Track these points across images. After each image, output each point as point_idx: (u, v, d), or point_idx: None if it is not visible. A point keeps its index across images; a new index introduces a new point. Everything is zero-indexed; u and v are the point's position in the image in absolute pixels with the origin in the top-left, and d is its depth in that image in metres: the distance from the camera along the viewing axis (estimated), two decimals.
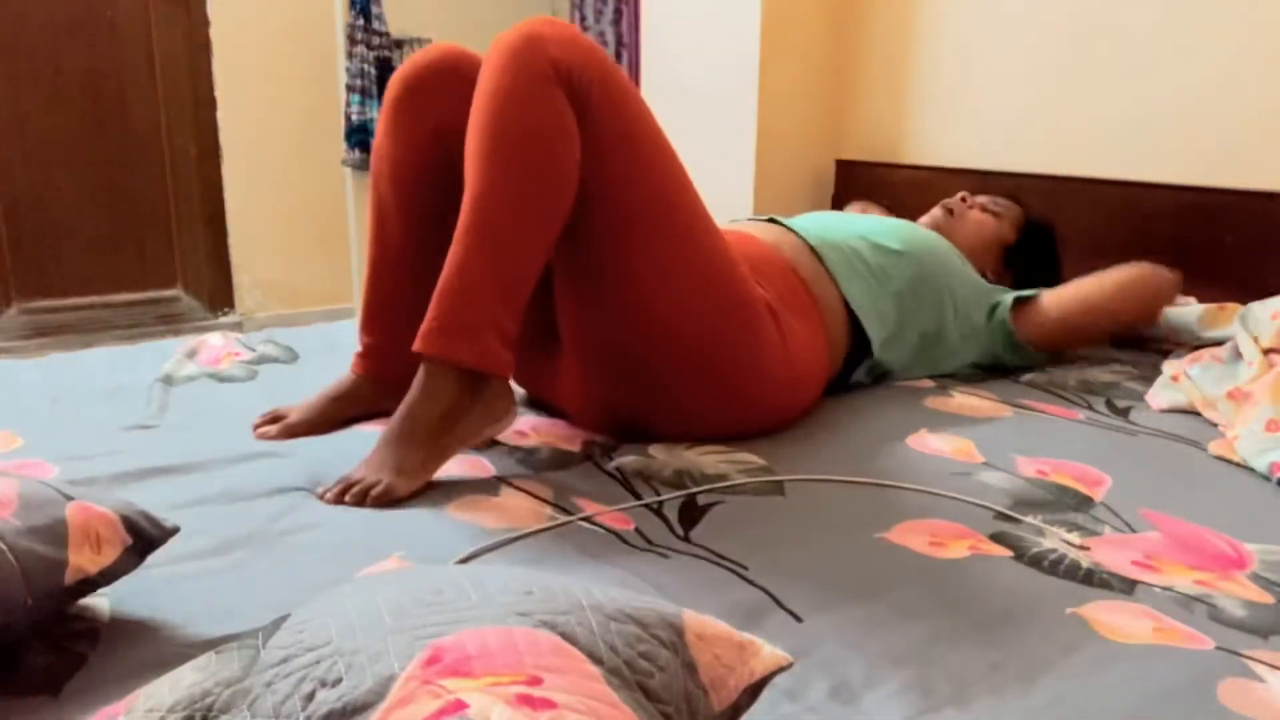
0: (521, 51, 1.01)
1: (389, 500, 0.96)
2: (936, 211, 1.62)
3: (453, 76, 1.16)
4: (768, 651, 0.57)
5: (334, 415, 1.19)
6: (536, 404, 1.30)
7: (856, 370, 1.36)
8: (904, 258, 1.37)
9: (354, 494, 0.96)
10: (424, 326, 1.00)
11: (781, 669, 0.57)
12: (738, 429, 1.17)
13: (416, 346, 1.00)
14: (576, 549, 0.87)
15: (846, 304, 1.31)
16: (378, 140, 1.21)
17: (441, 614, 0.51)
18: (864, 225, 1.42)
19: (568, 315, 1.14)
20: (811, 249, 1.33)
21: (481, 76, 1.04)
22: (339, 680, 0.47)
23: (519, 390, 1.32)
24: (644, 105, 1.10)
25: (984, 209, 1.62)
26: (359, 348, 1.24)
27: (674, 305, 1.09)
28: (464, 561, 0.84)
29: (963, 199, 1.63)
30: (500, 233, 1.00)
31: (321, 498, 0.98)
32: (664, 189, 1.09)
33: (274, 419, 1.18)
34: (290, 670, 0.49)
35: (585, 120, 1.03)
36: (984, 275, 1.56)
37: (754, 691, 0.56)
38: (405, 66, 1.19)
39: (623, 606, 0.55)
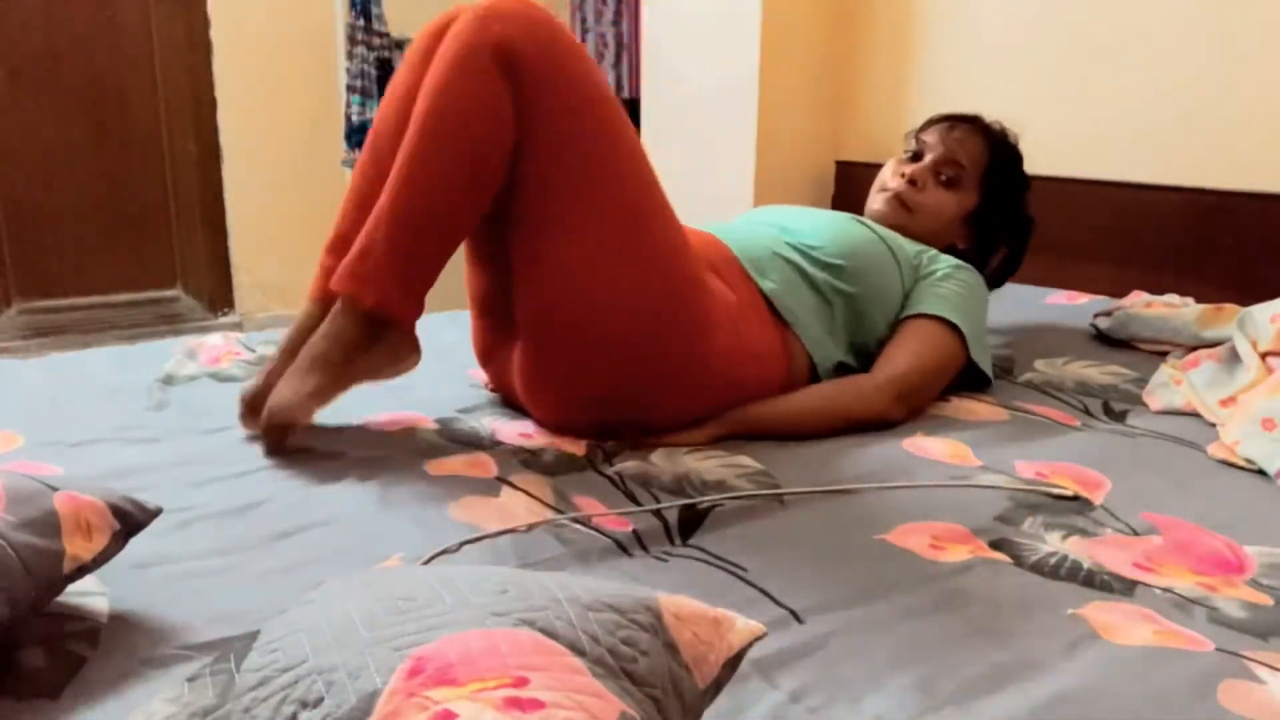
0: (465, 35, 1.05)
1: (282, 422, 1.05)
2: (890, 209, 1.45)
3: None
4: (742, 623, 0.57)
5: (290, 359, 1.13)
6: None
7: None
8: (842, 271, 1.30)
9: (270, 451, 1.07)
10: (341, 265, 1.08)
11: (757, 639, 0.58)
12: (678, 417, 1.17)
13: (332, 284, 1.08)
14: (572, 552, 0.87)
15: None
16: (397, 73, 1.22)
17: (417, 621, 0.51)
18: (806, 245, 1.32)
19: (515, 289, 1.15)
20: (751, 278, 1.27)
21: (436, 56, 1.08)
22: (320, 700, 0.46)
23: None
24: (592, 81, 1.10)
25: (939, 178, 1.44)
26: (319, 270, 1.20)
27: (608, 279, 1.10)
28: (429, 561, 0.84)
29: (911, 181, 1.45)
30: (418, 201, 1.06)
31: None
32: (607, 160, 1.11)
33: (250, 405, 1.13)
34: (268, 693, 0.48)
35: (522, 92, 1.05)
36: (954, 247, 1.48)
37: (733, 665, 0.57)
38: (427, 29, 1.21)
39: (599, 595, 0.54)
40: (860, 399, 1.23)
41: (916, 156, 1.49)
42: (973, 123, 1.50)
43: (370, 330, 1.08)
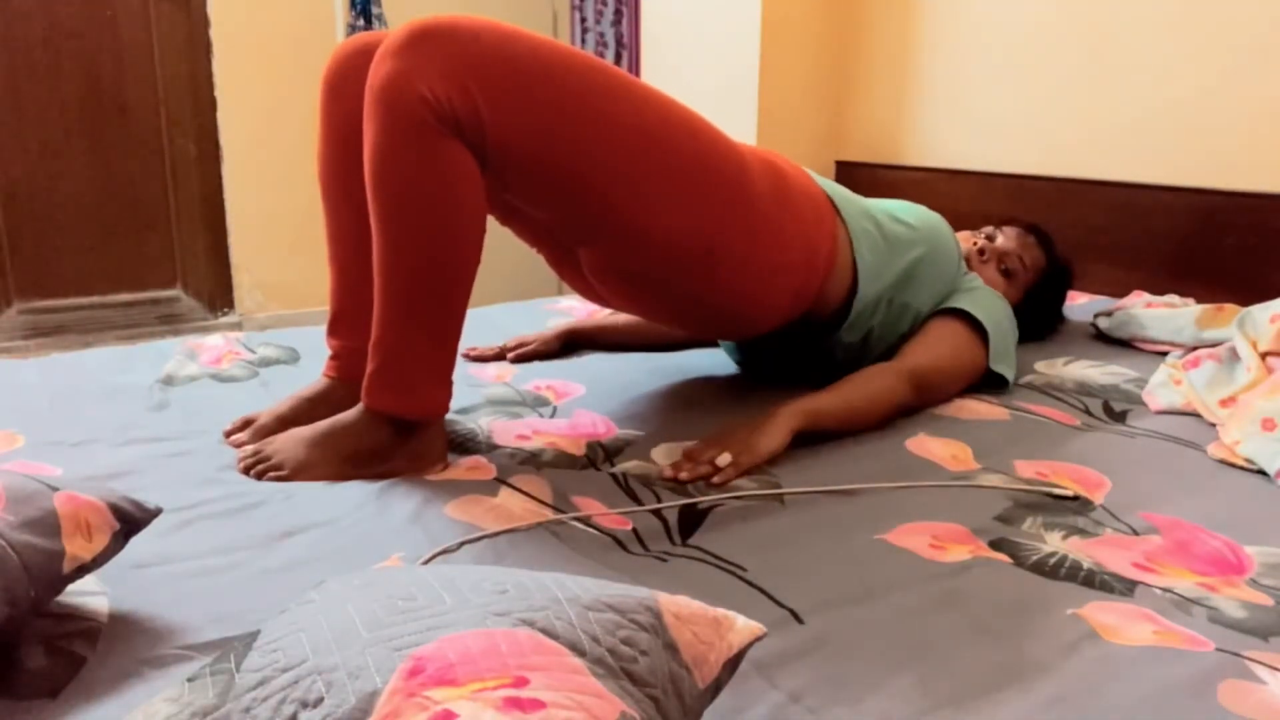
0: (388, 97, 0.96)
1: (277, 480, 1.02)
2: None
3: (367, 67, 1.05)
4: (742, 623, 0.57)
5: (306, 416, 1.14)
6: (538, 404, 1.30)
7: (844, 323, 1.32)
8: (916, 232, 1.36)
9: (258, 470, 1.04)
10: (366, 377, 1.05)
11: (757, 639, 0.58)
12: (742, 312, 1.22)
13: (368, 402, 1.05)
14: (573, 551, 0.87)
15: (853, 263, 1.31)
16: (317, 142, 1.20)
17: (417, 621, 0.51)
18: (882, 201, 1.44)
19: (585, 264, 1.17)
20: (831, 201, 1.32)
21: (364, 118, 1.00)
22: (320, 700, 0.46)
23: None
24: (534, 66, 0.99)
25: (1000, 265, 1.52)
26: (328, 351, 1.23)
27: (676, 225, 1.09)
28: (429, 561, 0.84)
29: (987, 238, 1.55)
30: (412, 292, 1.02)
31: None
32: (615, 133, 1.04)
33: (245, 424, 1.17)
34: (268, 693, 0.48)
35: (486, 134, 0.97)
36: None
37: (733, 665, 0.57)
38: (327, 64, 1.17)
39: (599, 595, 0.54)
40: (882, 379, 1.26)
41: (990, 239, 1.57)
42: (1043, 238, 1.59)
43: (401, 433, 1.06)
